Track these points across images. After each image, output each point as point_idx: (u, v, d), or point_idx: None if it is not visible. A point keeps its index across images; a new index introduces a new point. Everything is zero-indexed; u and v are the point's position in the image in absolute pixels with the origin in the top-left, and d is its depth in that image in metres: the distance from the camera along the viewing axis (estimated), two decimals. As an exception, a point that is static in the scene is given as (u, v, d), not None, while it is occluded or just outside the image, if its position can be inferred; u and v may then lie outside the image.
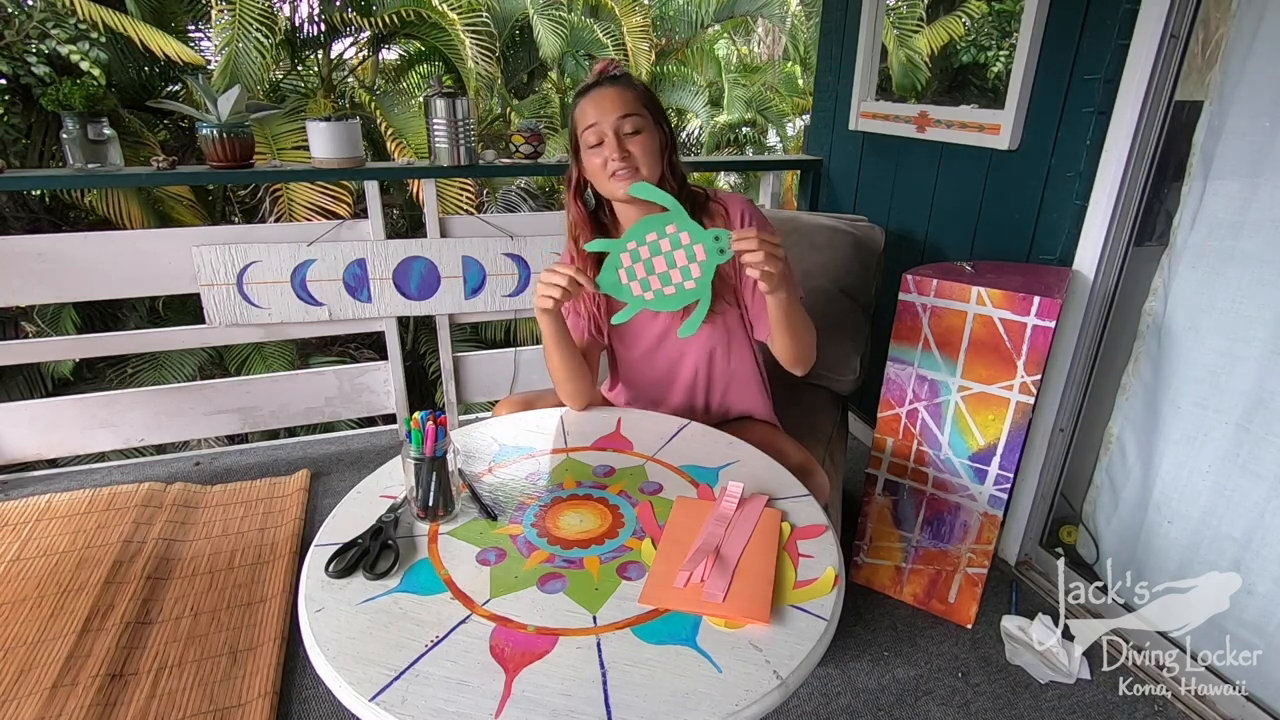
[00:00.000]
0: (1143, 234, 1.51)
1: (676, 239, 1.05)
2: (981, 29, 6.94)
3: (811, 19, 7.73)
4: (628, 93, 1.13)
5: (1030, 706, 1.37)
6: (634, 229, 1.06)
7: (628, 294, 1.10)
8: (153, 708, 1.31)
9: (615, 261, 1.08)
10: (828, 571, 0.83)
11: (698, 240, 1.04)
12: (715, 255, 1.03)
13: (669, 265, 1.06)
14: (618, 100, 1.12)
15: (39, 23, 3.65)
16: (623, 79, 1.15)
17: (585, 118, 1.13)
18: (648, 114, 1.14)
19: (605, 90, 1.13)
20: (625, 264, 1.08)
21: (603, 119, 1.11)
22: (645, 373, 1.32)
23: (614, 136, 1.11)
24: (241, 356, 4.89)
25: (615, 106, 1.11)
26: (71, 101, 1.72)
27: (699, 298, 1.07)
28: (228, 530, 1.83)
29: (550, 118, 6.71)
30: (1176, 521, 1.46)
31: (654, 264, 1.07)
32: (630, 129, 1.12)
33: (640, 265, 1.07)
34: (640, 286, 1.09)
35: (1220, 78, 1.30)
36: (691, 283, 1.06)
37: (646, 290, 1.09)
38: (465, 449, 1.11)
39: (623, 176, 1.11)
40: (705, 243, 1.03)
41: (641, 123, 1.13)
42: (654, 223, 1.05)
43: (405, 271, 2.14)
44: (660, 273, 1.07)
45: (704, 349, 1.27)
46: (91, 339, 2.26)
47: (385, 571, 0.83)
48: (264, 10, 4.53)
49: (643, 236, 1.06)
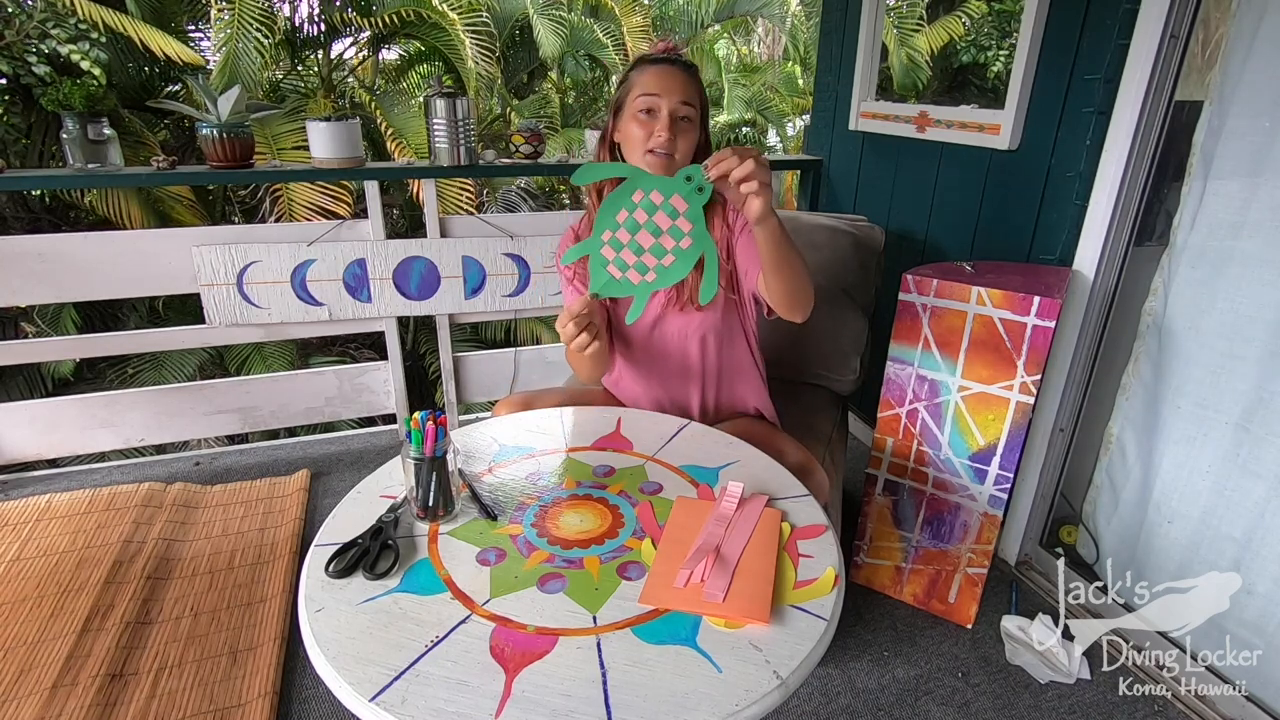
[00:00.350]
0: (1143, 234, 1.51)
1: (649, 204, 0.95)
2: (981, 29, 6.94)
3: (811, 19, 7.73)
4: (693, 85, 1.16)
5: (1030, 706, 1.38)
6: (601, 218, 0.98)
7: (628, 287, 1.00)
8: (153, 708, 1.31)
9: (600, 260, 0.99)
10: (828, 571, 0.83)
11: (671, 192, 0.94)
12: (695, 197, 0.93)
13: (655, 235, 0.96)
14: (685, 85, 1.14)
15: (39, 23, 3.65)
16: (692, 69, 1.18)
17: (646, 84, 1.14)
18: (699, 110, 1.17)
19: (676, 70, 1.15)
20: (610, 258, 0.99)
21: (665, 95, 1.12)
22: (646, 359, 1.32)
23: (668, 116, 1.12)
24: (241, 356, 4.89)
25: (681, 89, 1.13)
26: (71, 101, 1.72)
27: (702, 249, 0.96)
28: (228, 530, 1.83)
29: (550, 118, 6.71)
30: (1176, 521, 1.46)
31: (640, 242, 0.97)
32: (684, 114, 1.14)
33: (627, 250, 0.98)
34: (638, 272, 0.99)
35: (1220, 78, 1.30)
36: (687, 239, 0.96)
37: (646, 273, 0.98)
38: (465, 449, 1.10)
39: (659, 155, 1.13)
40: (679, 191, 0.93)
41: (693, 116, 1.15)
42: (617, 200, 0.96)
43: (405, 271, 2.14)
44: (651, 247, 0.97)
45: (700, 333, 1.27)
46: (91, 339, 2.26)
47: (385, 571, 0.83)
48: (263, 10, 4.53)
49: (613, 220, 0.97)
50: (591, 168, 1.00)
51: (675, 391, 1.33)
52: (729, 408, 1.37)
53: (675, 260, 0.97)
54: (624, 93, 1.18)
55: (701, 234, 0.96)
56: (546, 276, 2.26)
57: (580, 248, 1.01)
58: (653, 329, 1.29)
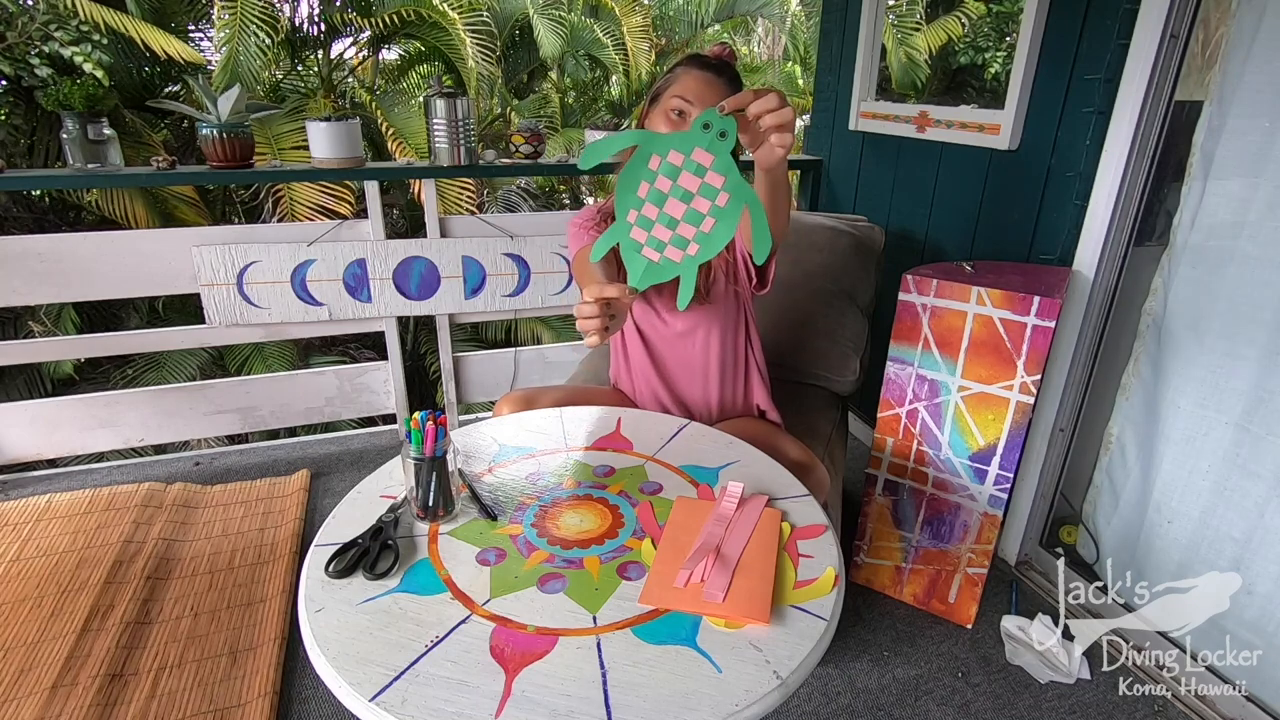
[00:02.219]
0: (1143, 234, 1.51)
1: (670, 168, 0.84)
2: (980, 30, 6.94)
3: (811, 19, 7.73)
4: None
5: (1030, 706, 1.37)
6: (621, 199, 0.87)
7: (671, 268, 0.86)
8: (153, 708, 1.31)
9: (632, 246, 0.87)
10: (828, 571, 0.83)
11: (691, 148, 0.83)
12: (719, 145, 0.82)
13: (685, 200, 0.84)
14: (723, 95, 1.11)
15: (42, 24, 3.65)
16: (735, 82, 1.16)
17: (685, 87, 1.12)
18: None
19: (719, 83, 1.13)
20: (643, 240, 0.86)
21: (700, 104, 1.11)
22: (649, 356, 1.32)
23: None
24: (241, 356, 4.89)
25: (717, 99, 1.08)
26: (71, 101, 1.72)
27: (744, 201, 0.83)
28: (228, 530, 1.83)
29: (550, 118, 6.71)
30: (1176, 521, 1.46)
31: (670, 213, 0.85)
32: None
33: (659, 227, 0.86)
34: (677, 248, 0.85)
35: (1220, 78, 1.30)
36: (723, 195, 0.83)
37: (686, 246, 0.85)
38: (465, 449, 1.10)
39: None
40: (699, 144, 0.82)
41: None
42: (634, 174, 0.85)
43: (405, 271, 2.14)
44: (685, 215, 0.84)
45: (703, 329, 1.27)
46: (92, 339, 2.27)
47: (385, 572, 0.83)
48: (265, 10, 4.53)
49: (635, 197, 0.85)
50: (595, 147, 0.86)
51: (678, 388, 1.34)
52: (731, 406, 1.37)
53: (716, 223, 0.84)
54: (664, 85, 1.17)
55: (738, 183, 0.82)
56: (546, 276, 2.26)
57: (608, 236, 0.89)
58: (658, 323, 1.29)
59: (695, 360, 1.30)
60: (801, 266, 1.77)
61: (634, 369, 1.36)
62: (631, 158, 0.85)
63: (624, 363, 1.38)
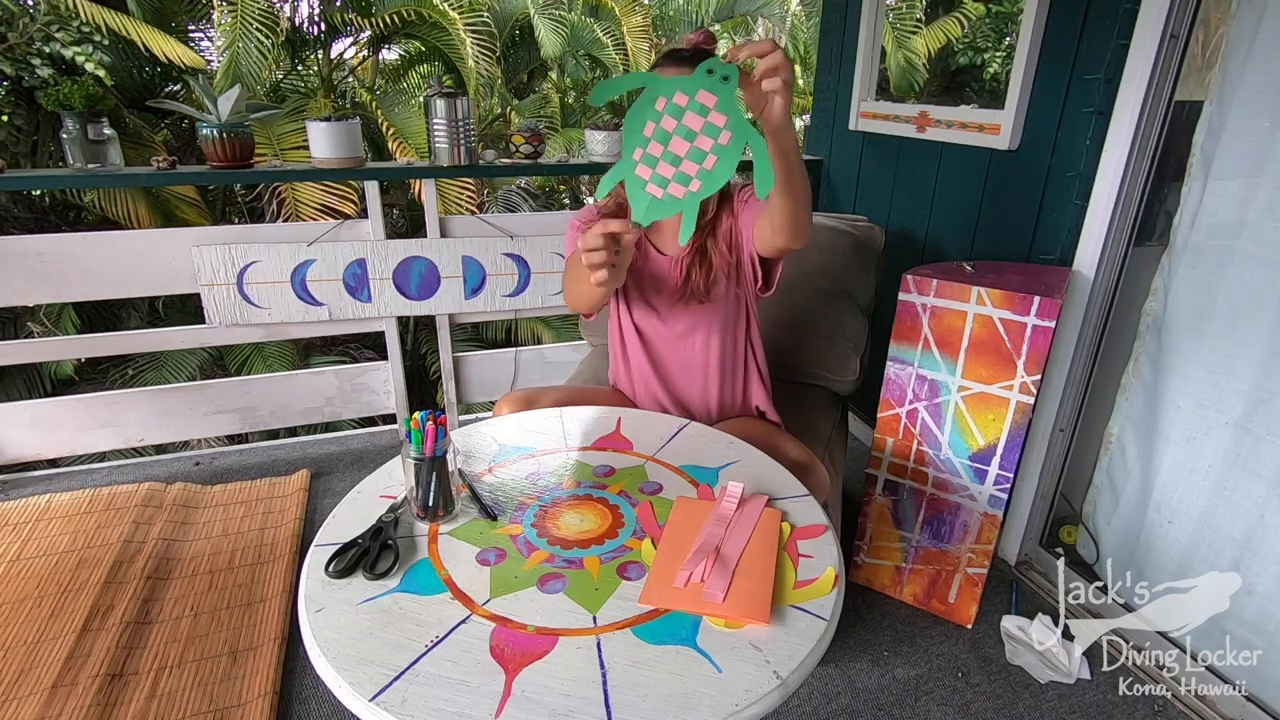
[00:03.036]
0: (1143, 234, 1.51)
1: (675, 108, 0.85)
2: (979, 31, 6.94)
3: (811, 19, 7.73)
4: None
5: (1030, 706, 1.37)
6: (628, 137, 0.87)
7: (673, 204, 0.88)
8: (153, 708, 1.31)
9: (636, 183, 0.88)
10: (828, 571, 0.83)
11: (695, 90, 0.84)
12: (722, 88, 0.84)
13: (689, 139, 0.86)
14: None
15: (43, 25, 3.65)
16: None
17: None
18: None
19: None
20: (647, 176, 0.88)
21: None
22: (649, 355, 1.32)
23: None
24: (241, 356, 4.89)
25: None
26: (71, 101, 1.72)
27: (745, 140, 0.85)
28: (228, 530, 1.83)
29: (550, 118, 6.71)
30: (1176, 521, 1.46)
31: (674, 151, 0.86)
32: None
33: (663, 164, 0.87)
34: (680, 183, 0.87)
35: (1220, 78, 1.30)
36: (725, 133, 0.85)
37: (688, 183, 0.87)
38: (465, 449, 1.10)
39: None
40: (703, 86, 0.84)
41: None
42: (641, 113, 0.86)
43: (405, 271, 2.14)
44: (688, 152, 0.86)
45: (704, 328, 1.27)
46: (92, 339, 2.27)
47: (385, 571, 0.83)
48: (265, 10, 4.53)
49: (641, 136, 0.86)
50: (606, 84, 0.88)
51: (677, 390, 1.34)
52: (730, 407, 1.37)
53: (718, 160, 0.86)
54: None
55: (740, 123, 0.85)
56: (546, 276, 2.26)
57: (614, 173, 0.89)
58: (657, 323, 1.29)
59: (694, 361, 1.30)
60: (802, 266, 1.77)
61: (633, 370, 1.36)
62: (639, 100, 0.86)
63: (623, 364, 1.38)
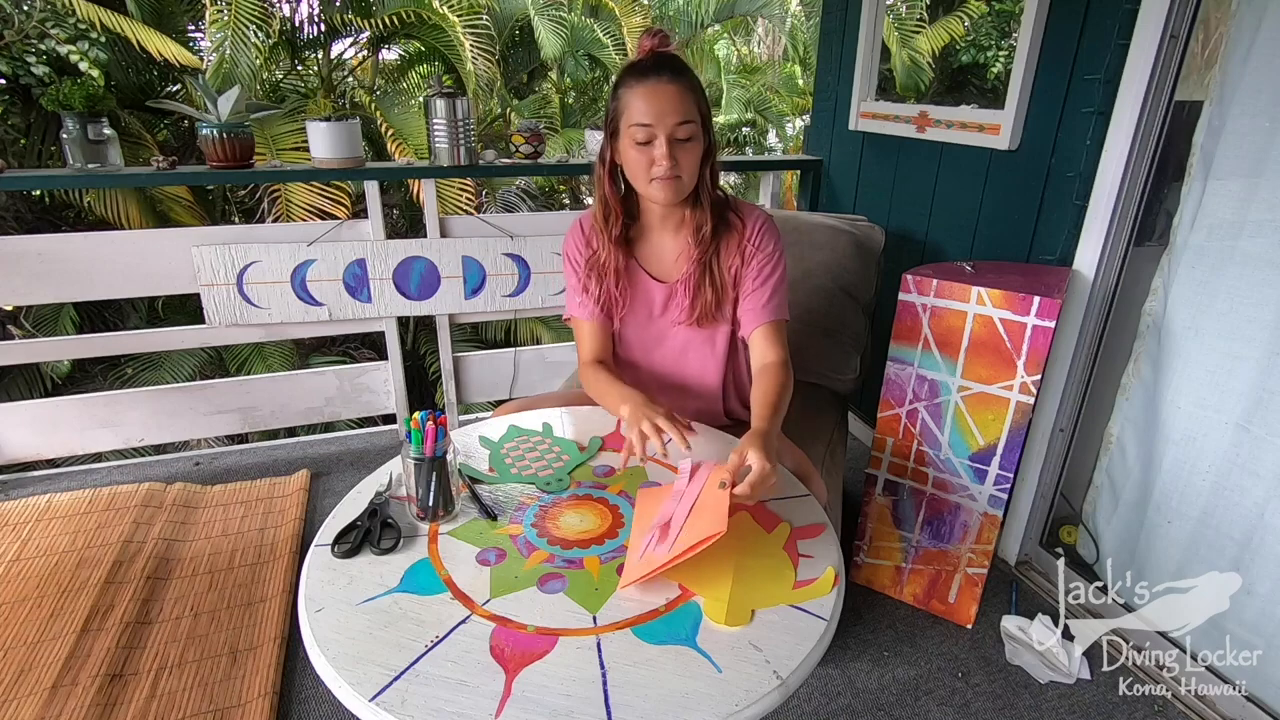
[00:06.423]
0: (1143, 234, 1.51)
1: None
2: (981, 29, 6.95)
3: (811, 19, 7.74)
4: (686, 95, 1.06)
5: (1030, 706, 1.37)
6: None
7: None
8: (153, 708, 1.31)
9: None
10: (828, 571, 0.83)
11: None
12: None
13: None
14: (677, 103, 1.05)
15: (39, 23, 3.65)
16: (682, 73, 1.07)
17: (638, 113, 1.05)
18: (699, 118, 1.08)
19: (665, 87, 1.05)
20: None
21: (658, 123, 1.04)
22: (647, 375, 1.32)
23: (666, 143, 1.05)
24: (241, 357, 4.89)
25: (674, 110, 1.04)
26: (71, 102, 1.72)
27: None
28: (228, 530, 1.83)
29: (550, 118, 6.71)
30: (1176, 521, 1.46)
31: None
32: (683, 136, 1.06)
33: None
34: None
35: (1220, 78, 1.30)
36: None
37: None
38: (465, 449, 1.10)
39: (665, 184, 1.08)
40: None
41: (694, 130, 1.07)
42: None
43: (405, 271, 2.14)
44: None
45: (702, 349, 1.27)
46: (91, 339, 2.26)
47: (390, 547, 0.86)
48: (258, 8, 4.52)
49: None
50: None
51: (676, 407, 1.33)
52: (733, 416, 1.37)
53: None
54: (616, 114, 1.10)
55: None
56: (546, 277, 2.26)
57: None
58: (656, 345, 1.29)
59: (689, 380, 1.30)
60: (802, 265, 1.77)
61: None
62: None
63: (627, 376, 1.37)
